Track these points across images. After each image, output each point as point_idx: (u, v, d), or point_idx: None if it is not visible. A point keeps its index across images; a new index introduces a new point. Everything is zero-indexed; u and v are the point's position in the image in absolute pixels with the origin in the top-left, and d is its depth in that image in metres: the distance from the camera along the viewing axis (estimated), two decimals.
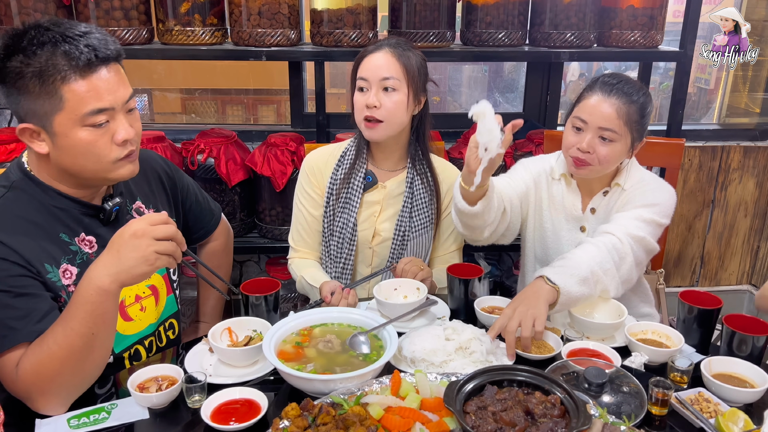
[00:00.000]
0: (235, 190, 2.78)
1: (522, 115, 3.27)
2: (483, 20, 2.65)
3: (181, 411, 1.27)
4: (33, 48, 1.20)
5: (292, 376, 1.24)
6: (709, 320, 1.52)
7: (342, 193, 1.86)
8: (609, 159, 1.74)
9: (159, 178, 1.63)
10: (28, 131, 1.26)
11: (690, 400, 1.28)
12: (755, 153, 3.35)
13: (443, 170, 1.94)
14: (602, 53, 2.75)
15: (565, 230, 1.88)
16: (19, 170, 1.35)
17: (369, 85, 1.74)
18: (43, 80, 1.20)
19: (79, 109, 1.23)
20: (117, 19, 2.51)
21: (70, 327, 1.19)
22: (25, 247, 1.27)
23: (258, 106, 3.87)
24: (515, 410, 1.14)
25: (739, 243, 3.49)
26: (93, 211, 1.40)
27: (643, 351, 1.44)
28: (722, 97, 3.55)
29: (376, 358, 1.31)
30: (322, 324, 1.46)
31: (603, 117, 1.70)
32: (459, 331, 1.42)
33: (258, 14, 2.53)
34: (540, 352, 1.44)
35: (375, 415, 1.14)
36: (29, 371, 1.20)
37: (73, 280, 1.35)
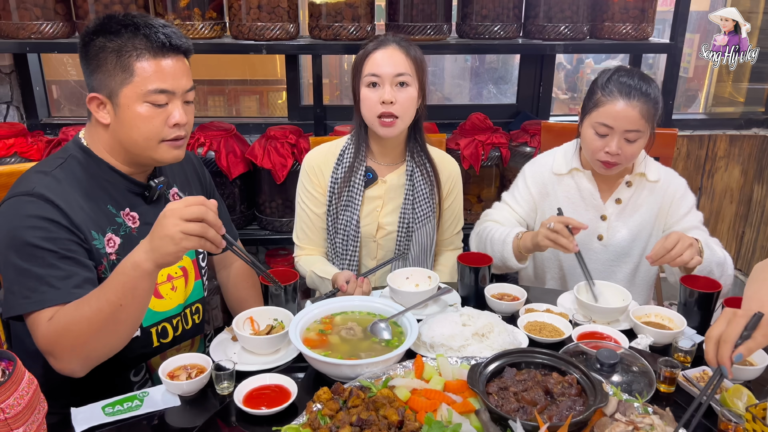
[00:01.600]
0: (235, 183, 2.80)
1: (516, 106, 3.34)
2: (479, 13, 2.70)
3: (210, 398, 1.31)
4: (119, 28, 1.37)
5: (320, 362, 1.29)
6: (708, 303, 1.59)
7: (344, 192, 1.90)
8: (635, 155, 1.83)
9: (195, 170, 1.73)
10: (96, 101, 1.41)
11: (696, 377, 1.35)
12: (740, 141, 3.45)
13: (441, 161, 1.99)
14: (595, 45, 2.82)
15: (585, 219, 1.92)
16: (76, 145, 1.47)
17: (382, 81, 1.77)
18: (120, 55, 1.36)
19: (144, 85, 1.37)
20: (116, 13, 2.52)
21: (103, 293, 1.27)
22: (76, 213, 1.37)
23: (240, 97, 3.87)
24: (535, 390, 1.19)
25: (725, 229, 3.60)
26: (138, 189, 1.51)
27: (648, 333, 1.51)
28: (708, 87, 3.64)
29: (397, 344, 1.36)
30: (342, 312, 1.51)
31: (629, 121, 1.75)
32: (474, 317, 1.48)
33: (258, 8, 2.55)
34: (551, 336, 1.50)
35: (402, 397, 1.18)
36: (60, 328, 1.28)
37: (116, 249, 1.44)
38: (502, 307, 1.63)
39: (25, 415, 1.03)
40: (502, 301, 1.64)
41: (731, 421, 1.17)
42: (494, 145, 2.81)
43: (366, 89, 1.80)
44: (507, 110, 3.35)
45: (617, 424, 1.12)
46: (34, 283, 1.30)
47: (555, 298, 1.73)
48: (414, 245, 1.94)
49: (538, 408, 1.15)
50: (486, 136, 2.80)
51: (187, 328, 1.64)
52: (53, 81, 3.33)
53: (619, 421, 1.13)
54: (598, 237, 1.96)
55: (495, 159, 2.84)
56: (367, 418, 1.12)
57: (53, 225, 1.33)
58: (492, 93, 3.68)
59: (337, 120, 3.18)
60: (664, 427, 1.12)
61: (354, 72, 1.85)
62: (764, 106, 3.53)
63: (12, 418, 1.00)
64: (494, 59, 3.70)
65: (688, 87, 3.75)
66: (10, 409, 0.99)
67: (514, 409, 1.15)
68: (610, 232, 1.95)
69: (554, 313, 1.60)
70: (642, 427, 1.11)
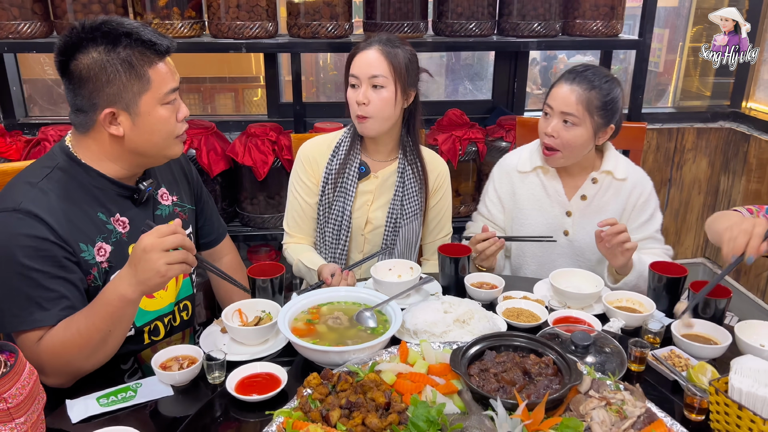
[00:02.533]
0: (216, 180, 2.83)
1: (491, 101, 3.41)
2: (454, 11, 2.76)
3: (202, 388, 1.35)
4: (115, 38, 1.36)
5: (309, 350, 1.34)
6: (676, 287, 1.67)
7: (338, 183, 1.95)
8: (572, 143, 1.88)
9: (181, 168, 1.74)
10: (109, 116, 1.39)
11: (664, 356, 1.43)
12: (707, 134, 3.57)
13: (431, 161, 2.05)
14: (567, 42, 2.90)
15: (551, 215, 2.02)
16: (63, 152, 1.46)
17: (359, 82, 1.84)
18: (133, 65, 1.37)
19: (162, 89, 1.41)
20: (95, 13, 2.53)
21: (92, 322, 1.32)
22: (63, 226, 1.37)
23: (215, 95, 3.88)
24: (514, 371, 1.26)
25: (694, 219, 3.73)
26: (128, 192, 1.52)
27: (620, 316, 1.58)
28: (676, 81, 3.76)
29: (383, 331, 1.42)
30: (328, 303, 1.56)
31: (565, 103, 1.85)
32: (455, 305, 1.54)
33: (237, 7, 2.58)
34: (528, 321, 1.57)
35: (388, 380, 1.24)
36: (50, 351, 1.33)
37: (107, 257, 1.46)
38: (481, 295, 1.69)
39: (26, 405, 1.06)
40: (481, 290, 1.70)
41: (696, 395, 1.25)
42: (471, 140, 2.88)
43: (350, 89, 1.87)
44: (483, 106, 3.42)
45: (591, 400, 1.19)
46: (23, 302, 1.32)
47: (531, 286, 1.80)
48: (400, 241, 1.99)
49: (517, 387, 1.22)
50: (463, 132, 2.87)
51: (176, 325, 1.67)
52: (27, 80, 3.32)
53: (593, 398, 1.20)
54: (564, 232, 2.03)
55: (472, 154, 2.91)
56: (355, 400, 1.17)
57: (43, 242, 1.33)
58: (468, 89, 3.75)
59: (317, 117, 3.23)
60: (634, 401, 1.19)
61: (344, 71, 1.91)
62: (729, 100, 3.65)
63: (14, 407, 1.03)
64: (469, 56, 3.77)
65: (659, 81, 3.86)
66: (13, 398, 1.03)
67: (495, 389, 1.22)
68: (575, 227, 2.02)
69: (530, 300, 1.68)
70: (614, 403, 1.18)
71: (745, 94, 3.59)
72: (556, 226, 2.02)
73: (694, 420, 1.26)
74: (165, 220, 1.62)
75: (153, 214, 1.59)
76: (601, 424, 1.14)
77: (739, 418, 1.15)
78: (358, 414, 1.15)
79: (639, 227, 2.01)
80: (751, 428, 1.13)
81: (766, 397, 1.14)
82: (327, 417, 1.14)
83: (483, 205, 2.16)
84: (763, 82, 3.54)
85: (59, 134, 2.68)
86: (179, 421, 1.25)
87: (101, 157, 1.46)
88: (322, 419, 1.15)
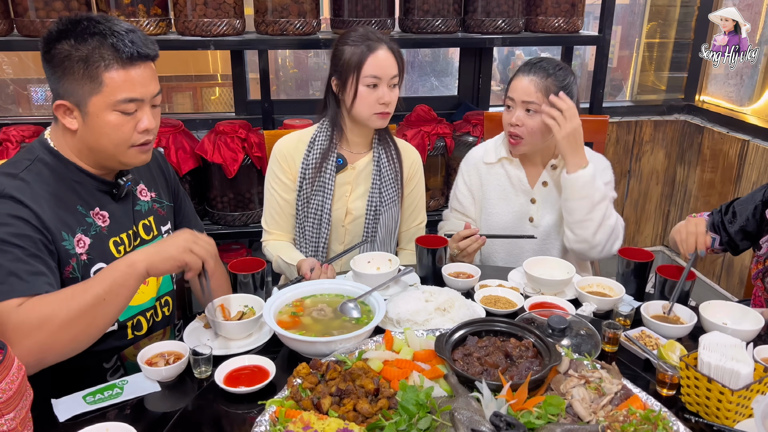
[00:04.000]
0: (185, 179, 2.81)
1: (457, 97, 3.47)
2: (420, 8, 2.81)
3: (188, 383, 1.36)
4: (84, 36, 1.35)
5: (296, 341, 1.36)
6: (643, 272, 1.75)
7: (316, 178, 1.97)
8: (536, 129, 1.96)
9: (159, 167, 1.74)
10: (63, 107, 1.40)
11: (636, 337, 1.50)
12: (664, 126, 3.71)
13: (404, 149, 2.11)
14: (530, 38, 2.97)
15: (516, 204, 2.08)
16: (43, 146, 1.46)
17: (381, 83, 1.88)
18: (88, 65, 1.35)
19: (114, 96, 1.37)
20: (58, 10, 2.48)
21: (90, 285, 1.30)
22: (45, 213, 1.36)
23: (172, 93, 3.84)
24: (496, 354, 1.31)
25: (652, 208, 3.87)
26: (107, 188, 1.52)
27: (592, 301, 1.65)
28: (633, 76, 3.89)
29: (367, 321, 1.45)
30: (312, 295, 1.58)
31: (525, 92, 1.94)
32: (436, 294, 1.58)
33: (204, 4, 2.57)
34: (506, 307, 1.62)
35: (376, 368, 1.27)
36: (31, 317, 1.24)
37: (86, 249, 1.45)
38: (459, 285, 1.74)
39: (15, 401, 1.05)
40: (458, 279, 1.75)
41: (667, 371, 1.32)
42: (439, 135, 2.93)
43: (365, 88, 1.88)
44: (449, 102, 3.48)
45: (571, 379, 1.25)
46: (2, 275, 1.29)
47: (506, 275, 1.85)
48: (381, 228, 2.03)
49: (500, 370, 1.27)
50: (431, 127, 2.92)
51: (158, 320, 1.67)
52: None
53: (573, 377, 1.25)
54: (529, 219, 2.10)
55: (440, 149, 2.96)
56: (345, 388, 1.20)
57: (23, 223, 1.33)
58: (434, 85, 3.80)
59: (285, 114, 3.23)
60: (611, 379, 1.25)
61: (347, 69, 1.88)
62: (683, 93, 3.80)
63: (3, 403, 1.02)
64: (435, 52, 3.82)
65: (613, 77, 3.99)
66: (3, 393, 1.01)
67: (479, 372, 1.26)
68: (539, 213, 2.09)
69: (506, 288, 1.73)
70: (592, 381, 1.24)
71: (698, 88, 3.74)
72: (522, 213, 2.09)
73: (665, 395, 1.32)
74: (144, 215, 1.62)
75: (132, 209, 1.59)
76: (581, 401, 1.19)
77: (709, 391, 1.22)
78: (349, 400, 1.17)
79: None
80: (720, 399, 1.20)
81: (733, 369, 1.21)
82: (318, 405, 1.17)
83: (455, 200, 2.21)
84: (715, 76, 3.70)
85: (21, 134, 2.62)
86: (168, 416, 1.25)
87: (75, 152, 1.46)
88: (313, 407, 1.17)
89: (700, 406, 1.26)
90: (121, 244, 1.54)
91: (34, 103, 3.46)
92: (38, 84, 3.44)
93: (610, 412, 1.17)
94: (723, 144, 3.43)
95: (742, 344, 1.29)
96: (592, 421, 1.16)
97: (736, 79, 3.55)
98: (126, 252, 1.54)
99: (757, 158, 3.19)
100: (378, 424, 1.13)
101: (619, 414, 1.16)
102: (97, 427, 1.14)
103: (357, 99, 1.89)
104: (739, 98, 3.54)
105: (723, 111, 3.55)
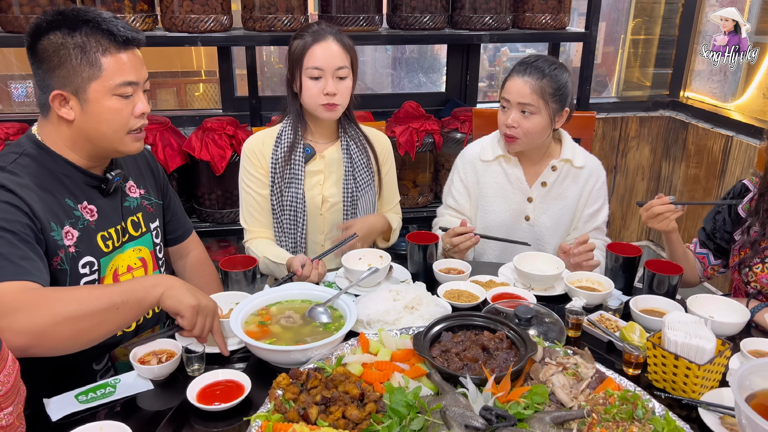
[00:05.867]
0: (173, 176, 2.79)
1: (445, 94, 3.48)
2: (408, 4, 2.81)
3: (181, 381, 1.35)
4: (76, 24, 1.37)
5: (271, 351, 1.32)
6: (632, 266, 1.77)
7: (286, 170, 1.98)
8: (533, 130, 1.97)
9: (147, 163, 1.73)
10: (59, 97, 1.40)
11: (597, 320, 1.56)
12: (649, 122, 3.74)
13: (374, 136, 2.13)
14: (517, 35, 2.99)
15: (513, 202, 2.09)
16: (30, 141, 1.46)
17: (324, 74, 1.87)
18: (86, 51, 1.37)
19: (113, 79, 1.40)
20: (42, 6, 2.46)
21: (109, 290, 1.30)
22: (35, 202, 1.36)
23: (157, 90, 3.81)
24: (474, 348, 1.32)
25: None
26: (95, 182, 1.52)
27: (581, 296, 1.67)
28: (619, 72, 3.92)
29: (338, 325, 1.43)
30: (277, 302, 1.54)
31: (520, 94, 1.94)
32: (403, 292, 1.59)
33: (191, 0, 2.55)
34: (469, 300, 1.64)
35: (356, 372, 1.25)
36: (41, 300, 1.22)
37: (74, 241, 1.44)
38: (449, 280, 1.75)
39: (11, 396, 1.04)
40: (449, 275, 1.76)
41: (633, 352, 1.38)
42: (428, 131, 2.94)
43: (309, 80, 1.88)
44: (437, 98, 3.49)
45: (549, 367, 1.27)
46: None
47: (496, 270, 1.87)
48: (359, 213, 2.04)
49: (480, 364, 1.28)
50: (419, 124, 2.93)
51: (148, 318, 1.66)
52: None
53: (551, 364, 1.28)
54: (525, 217, 2.11)
55: (429, 145, 2.97)
56: (330, 395, 1.17)
57: (14, 209, 1.33)
58: (422, 81, 3.81)
59: (273, 111, 3.21)
60: (586, 363, 1.29)
61: (293, 62, 1.92)
62: (668, 89, 3.84)
63: (3, 396, 1.01)
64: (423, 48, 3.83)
65: (597, 73, 4.01)
66: (2, 386, 1.01)
67: (459, 367, 1.27)
68: (536, 212, 2.10)
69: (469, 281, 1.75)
70: (569, 367, 1.28)
71: (682, 84, 3.78)
72: (518, 212, 2.10)
73: (631, 374, 1.39)
74: (133, 212, 1.62)
75: (121, 205, 1.59)
76: (562, 387, 1.23)
77: (676, 367, 1.29)
78: (336, 408, 1.15)
79: (589, 217, 2.11)
80: (687, 374, 1.27)
81: (698, 345, 1.29)
82: (306, 415, 1.14)
83: (450, 198, 2.20)
84: (699, 72, 3.74)
85: (5, 132, 2.59)
86: (161, 414, 1.25)
87: (67, 144, 1.46)
88: (300, 418, 1.15)
89: (666, 383, 1.33)
90: (109, 239, 1.53)
91: (14, 99, 3.42)
92: (20, 80, 3.40)
93: (589, 396, 1.21)
94: (707, 140, 3.47)
95: (702, 321, 1.36)
96: (575, 407, 1.19)
97: (720, 75, 3.59)
98: (114, 247, 1.54)
99: (741, 153, 3.24)
100: (371, 429, 1.12)
101: (598, 397, 1.20)
102: (92, 426, 1.13)
103: (303, 91, 1.91)
104: (723, 94, 3.58)
105: (707, 107, 3.60)
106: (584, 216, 2.11)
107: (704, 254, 2.00)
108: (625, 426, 1.11)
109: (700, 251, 2.00)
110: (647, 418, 1.14)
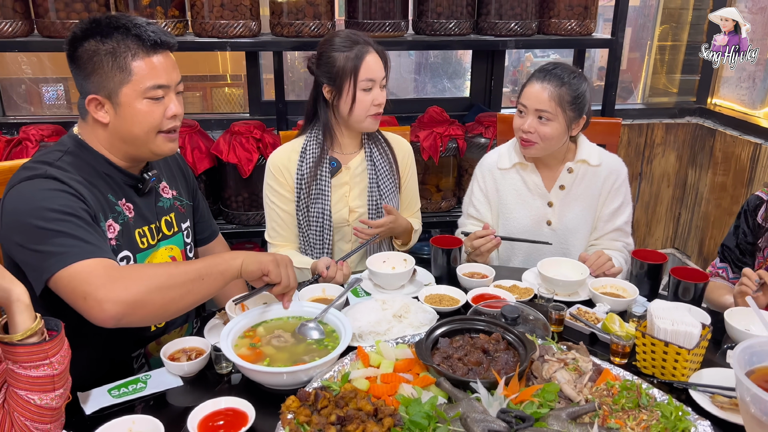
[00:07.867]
0: (200, 178, 2.85)
1: (469, 99, 3.49)
2: (434, 10, 2.83)
3: (210, 378, 1.39)
4: (108, 31, 1.43)
5: (270, 374, 1.28)
6: (657, 273, 1.76)
7: (312, 185, 2.00)
8: (549, 137, 1.98)
9: (179, 166, 1.79)
10: (95, 102, 1.46)
11: (577, 314, 1.61)
12: (675, 129, 3.71)
13: (395, 141, 2.16)
14: (543, 41, 2.99)
15: (534, 208, 2.10)
16: (73, 141, 1.52)
17: (374, 85, 1.92)
18: (116, 57, 1.42)
19: (143, 83, 1.44)
20: (78, 11, 2.52)
21: (194, 262, 1.40)
22: (86, 195, 1.43)
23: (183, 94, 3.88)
24: (475, 352, 1.33)
25: (663, 211, 3.87)
26: (132, 181, 1.58)
27: (606, 302, 1.67)
28: (645, 79, 3.89)
29: (330, 342, 1.41)
30: (262, 322, 1.50)
31: (538, 101, 1.95)
32: (389, 301, 1.59)
33: (220, 6, 2.60)
34: (450, 304, 1.65)
35: (363, 387, 1.23)
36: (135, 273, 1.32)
37: (115, 235, 1.51)
38: (473, 285, 1.76)
39: (64, 377, 1.11)
40: (473, 279, 1.77)
41: (620, 342, 1.42)
42: (451, 136, 2.96)
43: (361, 92, 1.92)
44: (461, 103, 3.50)
45: (551, 363, 1.29)
46: (69, 240, 1.32)
47: (520, 275, 1.87)
48: None
49: (484, 367, 1.29)
50: (443, 128, 2.94)
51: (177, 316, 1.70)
52: (5, 79, 3.28)
53: (551, 361, 1.29)
54: (546, 222, 2.11)
55: (452, 150, 2.99)
56: (345, 414, 1.15)
57: (74, 198, 1.39)
58: (446, 87, 3.82)
59: (299, 115, 3.25)
60: (583, 357, 1.31)
61: (341, 75, 1.90)
62: (695, 96, 3.80)
63: (57, 375, 1.08)
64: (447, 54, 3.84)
65: (623, 79, 3.99)
66: (58, 365, 1.08)
67: (465, 372, 1.28)
68: (557, 216, 2.11)
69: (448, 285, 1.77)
70: (569, 362, 1.30)
71: (710, 91, 3.74)
72: (539, 217, 2.10)
73: (618, 363, 1.42)
74: (166, 212, 1.67)
75: (155, 204, 1.64)
76: (568, 383, 1.24)
77: (665, 353, 1.35)
78: (354, 426, 1.13)
79: (609, 216, 2.10)
80: (677, 359, 1.34)
81: (686, 331, 1.35)
82: None
83: (471, 207, 2.21)
84: (727, 79, 3.70)
85: (41, 134, 2.67)
86: (190, 410, 1.28)
87: (105, 145, 1.51)
88: None
89: (656, 368, 1.38)
90: (144, 236, 1.59)
91: (45, 102, 3.51)
92: (51, 84, 3.48)
93: (592, 389, 1.24)
94: (735, 147, 3.43)
95: (685, 307, 1.46)
96: (581, 401, 1.21)
97: (749, 82, 3.55)
98: (149, 245, 1.60)
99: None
100: None
101: (601, 389, 1.24)
102: (124, 420, 1.17)
103: (356, 104, 1.92)
104: (751, 101, 3.54)
105: (735, 114, 3.55)
106: (604, 215, 2.10)
107: (724, 267, 1.98)
108: (635, 414, 1.16)
109: (721, 265, 1.99)
110: (652, 405, 1.19)
